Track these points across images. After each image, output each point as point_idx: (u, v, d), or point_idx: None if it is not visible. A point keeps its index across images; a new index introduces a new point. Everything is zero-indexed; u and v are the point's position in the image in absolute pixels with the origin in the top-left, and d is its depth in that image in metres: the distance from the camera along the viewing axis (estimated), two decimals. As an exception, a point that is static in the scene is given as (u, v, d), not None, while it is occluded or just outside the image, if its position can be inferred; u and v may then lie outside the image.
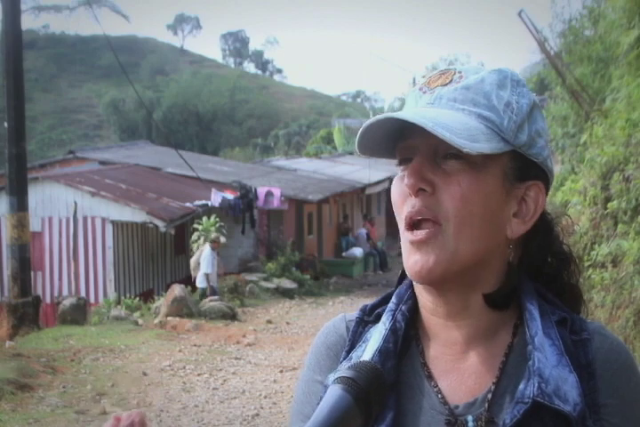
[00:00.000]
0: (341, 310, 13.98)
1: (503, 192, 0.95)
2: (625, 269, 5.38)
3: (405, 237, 0.96)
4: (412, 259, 0.94)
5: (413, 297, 1.02)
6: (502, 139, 0.93)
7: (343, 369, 0.86)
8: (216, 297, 13.29)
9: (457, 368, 0.98)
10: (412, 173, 0.93)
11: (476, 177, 0.93)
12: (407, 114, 0.92)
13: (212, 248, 13.79)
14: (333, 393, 0.84)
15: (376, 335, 1.00)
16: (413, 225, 0.94)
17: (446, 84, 0.96)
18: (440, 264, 0.92)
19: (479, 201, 0.92)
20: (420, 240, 0.93)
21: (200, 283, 13.72)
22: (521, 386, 0.91)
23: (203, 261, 13.68)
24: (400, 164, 0.98)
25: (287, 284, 16.18)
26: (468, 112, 0.94)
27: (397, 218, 0.98)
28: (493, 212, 0.94)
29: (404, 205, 0.95)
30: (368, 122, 0.93)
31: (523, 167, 0.96)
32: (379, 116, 0.92)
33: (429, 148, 0.94)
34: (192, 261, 14.24)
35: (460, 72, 0.97)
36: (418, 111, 0.94)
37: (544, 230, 1.01)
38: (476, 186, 0.92)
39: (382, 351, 0.97)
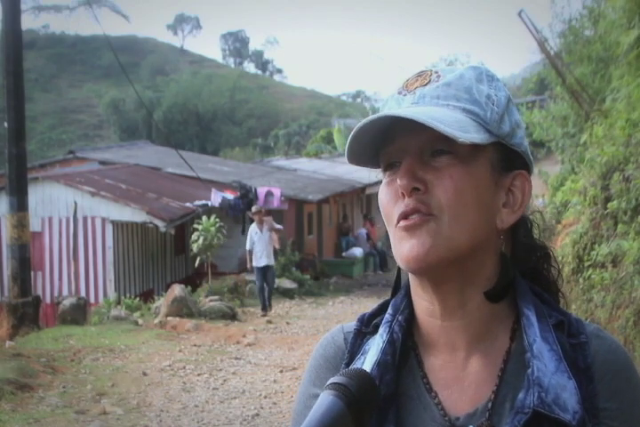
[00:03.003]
0: (341, 310, 13.99)
1: (492, 183, 0.96)
2: (625, 269, 5.37)
3: (397, 228, 0.95)
4: (407, 245, 0.93)
5: (410, 306, 1.01)
6: (487, 130, 0.95)
7: (335, 376, 0.86)
8: (252, 275, 12.77)
9: (457, 377, 0.97)
10: (404, 173, 0.94)
11: (467, 170, 0.94)
12: (401, 111, 0.92)
13: (257, 223, 13.12)
14: (325, 399, 0.83)
15: (374, 348, 0.99)
16: (406, 217, 0.94)
17: (425, 85, 0.98)
18: (436, 249, 0.92)
19: (471, 192, 0.93)
20: (413, 224, 0.93)
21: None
22: (520, 395, 0.91)
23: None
24: (386, 169, 0.98)
25: (287, 284, 16.18)
26: (453, 107, 0.95)
27: (387, 222, 0.97)
28: (485, 202, 0.95)
29: (395, 207, 0.95)
30: (360, 124, 0.93)
31: (507, 158, 0.98)
32: (371, 117, 0.92)
33: (417, 147, 0.95)
34: None
35: (436, 72, 0.99)
36: (406, 110, 0.95)
37: (523, 221, 1.02)
38: (468, 178, 0.93)
39: (381, 364, 0.96)
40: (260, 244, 12.94)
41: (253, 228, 13.13)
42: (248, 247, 13.09)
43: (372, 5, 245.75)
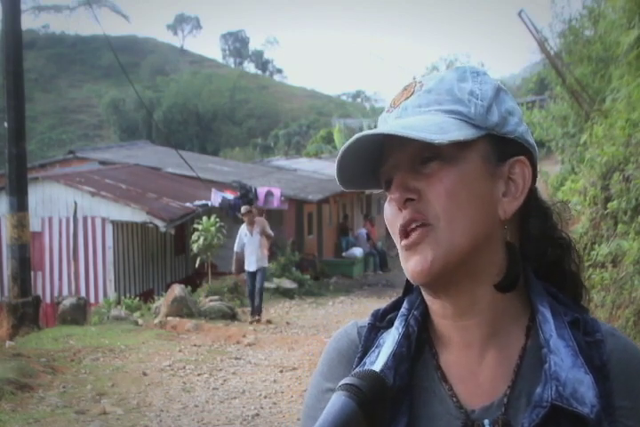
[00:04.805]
0: (341, 310, 13.99)
1: (487, 176, 0.96)
2: (625, 269, 5.38)
3: (401, 246, 0.96)
4: (412, 262, 0.94)
5: (424, 303, 1.02)
6: (473, 126, 0.95)
7: (347, 377, 0.86)
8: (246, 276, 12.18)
9: (472, 372, 0.97)
10: (395, 187, 0.95)
11: (456, 170, 0.94)
12: (371, 130, 0.93)
13: (247, 224, 12.16)
14: (338, 400, 0.83)
15: (389, 340, 1.00)
16: (406, 233, 0.95)
17: (409, 97, 0.98)
18: (438, 258, 0.92)
19: (465, 192, 0.93)
20: (413, 242, 0.94)
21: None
22: (538, 390, 0.91)
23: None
24: (387, 188, 0.99)
25: (287, 284, 16.18)
26: (435, 111, 0.96)
27: (395, 239, 0.98)
28: (482, 197, 0.95)
29: (396, 221, 0.96)
30: (339, 157, 0.95)
31: (500, 147, 0.97)
32: (346, 144, 0.93)
33: (407, 160, 0.96)
34: None
35: (419, 82, 1.00)
36: (385, 127, 0.96)
37: (537, 211, 1.01)
38: (458, 178, 0.93)
39: (396, 355, 0.97)
40: (250, 246, 12.18)
41: (243, 229, 12.34)
42: (236, 249, 12.37)
43: (371, 5, 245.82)
